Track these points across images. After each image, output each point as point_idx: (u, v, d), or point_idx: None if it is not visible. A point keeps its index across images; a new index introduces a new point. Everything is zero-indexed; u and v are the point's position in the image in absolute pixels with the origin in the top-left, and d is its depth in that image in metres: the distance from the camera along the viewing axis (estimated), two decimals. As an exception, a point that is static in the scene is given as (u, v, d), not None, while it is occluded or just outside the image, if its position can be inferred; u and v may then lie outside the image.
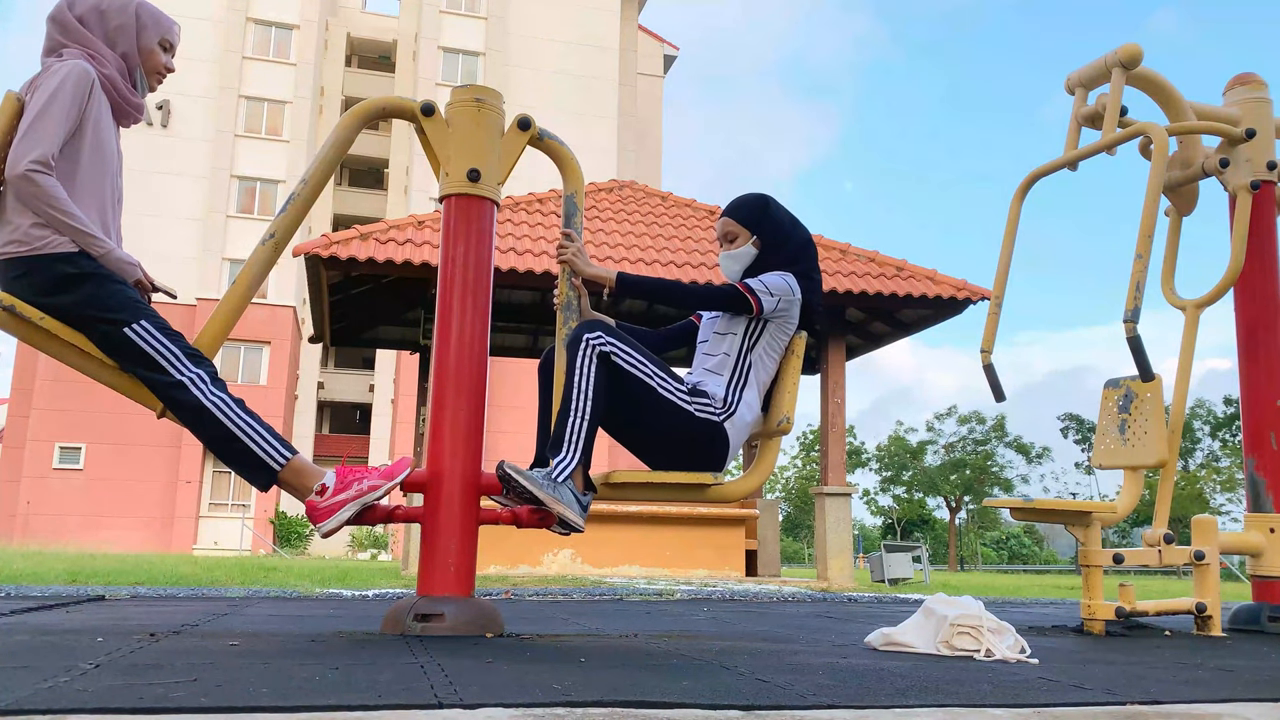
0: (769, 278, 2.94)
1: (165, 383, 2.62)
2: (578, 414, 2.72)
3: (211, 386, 2.64)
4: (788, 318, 2.97)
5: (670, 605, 5.47)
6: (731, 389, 2.93)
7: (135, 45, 2.80)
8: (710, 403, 2.89)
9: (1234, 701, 1.84)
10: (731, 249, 3.06)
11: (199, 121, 33.75)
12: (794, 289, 2.94)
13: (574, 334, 2.79)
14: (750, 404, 2.95)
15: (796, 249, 3.03)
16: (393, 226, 9.47)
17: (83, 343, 2.65)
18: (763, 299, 2.89)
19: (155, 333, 2.64)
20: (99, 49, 2.74)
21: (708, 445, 2.88)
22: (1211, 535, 3.78)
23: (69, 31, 2.73)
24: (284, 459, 2.67)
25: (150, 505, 31.00)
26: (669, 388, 2.83)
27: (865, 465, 49.86)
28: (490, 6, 37.14)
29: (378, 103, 3.15)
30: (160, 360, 2.62)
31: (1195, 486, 40.07)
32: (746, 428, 2.96)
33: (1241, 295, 4.29)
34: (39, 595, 5.10)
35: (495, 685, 1.74)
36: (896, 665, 2.27)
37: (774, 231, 3.04)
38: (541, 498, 2.65)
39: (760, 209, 3.06)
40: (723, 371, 2.95)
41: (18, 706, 1.41)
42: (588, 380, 2.74)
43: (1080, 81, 4.15)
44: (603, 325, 2.80)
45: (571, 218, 3.17)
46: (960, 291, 9.78)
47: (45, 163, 2.56)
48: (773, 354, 2.99)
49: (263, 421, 2.69)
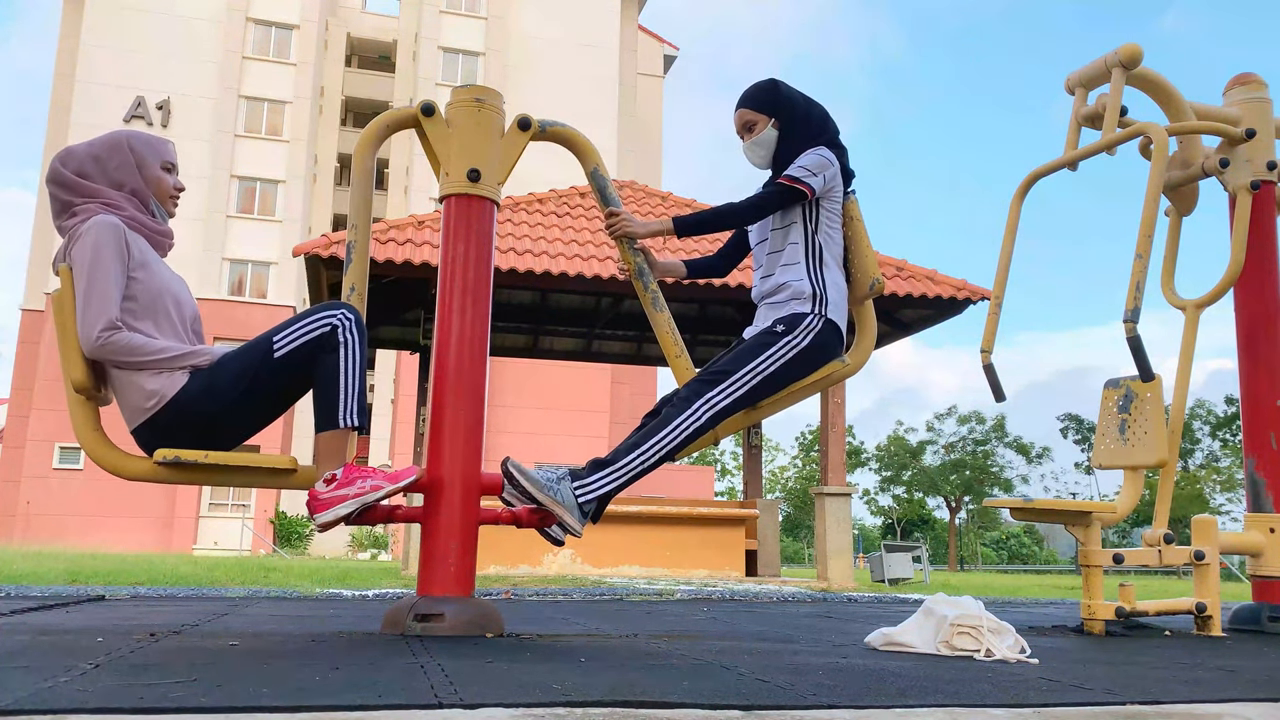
0: (804, 159, 2.97)
1: (328, 338, 2.72)
2: (650, 456, 2.77)
3: (355, 327, 2.74)
4: (835, 188, 3.02)
5: (670, 605, 5.47)
6: (814, 277, 2.97)
7: (140, 179, 2.77)
8: (806, 317, 2.94)
9: (1234, 701, 1.84)
10: (752, 136, 3.09)
11: (199, 121, 33.74)
12: (830, 159, 2.99)
13: (694, 395, 2.83)
14: (836, 283, 3.01)
15: (817, 123, 3.07)
16: (393, 226, 9.48)
17: (251, 460, 2.71)
18: (811, 182, 2.94)
19: (284, 329, 2.72)
20: (108, 195, 2.71)
21: (828, 347, 2.97)
22: (1211, 535, 3.78)
23: (73, 189, 2.70)
24: (352, 422, 2.72)
25: (150, 505, 30.98)
26: (777, 354, 2.90)
27: (865, 465, 49.87)
28: (490, 6, 37.13)
29: (382, 122, 3.14)
30: (309, 332, 2.71)
31: (1195, 486, 40.08)
32: (844, 303, 3.03)
33: (1241, 295, 4.29)
34: (39, 595, 5.10)
35: (495, 685, 1.74)
36: (896, 665, 2.27)
37: (790, 110, 3.07)
38: (541, 499, 2.65)
39: (772, 91, 3.09)
40: (798, 260, 2.99)
41: (18, 706, 1.41)
42: (684, 439, 2.80)
43: (1080, 81, 4.15)
44: (702, 384, 2.85)
45: (605, 190, 3.21)
46: (960, 291, 9.78)
47: (111, 326, 2.60)
48: (835, 226, 3.05)
49: (363, 383, 2.76)
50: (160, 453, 2.66)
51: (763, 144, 3.08)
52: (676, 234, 2.98)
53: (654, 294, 3.15)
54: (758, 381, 2.89)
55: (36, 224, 34.56)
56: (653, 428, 2.79)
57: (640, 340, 11.97)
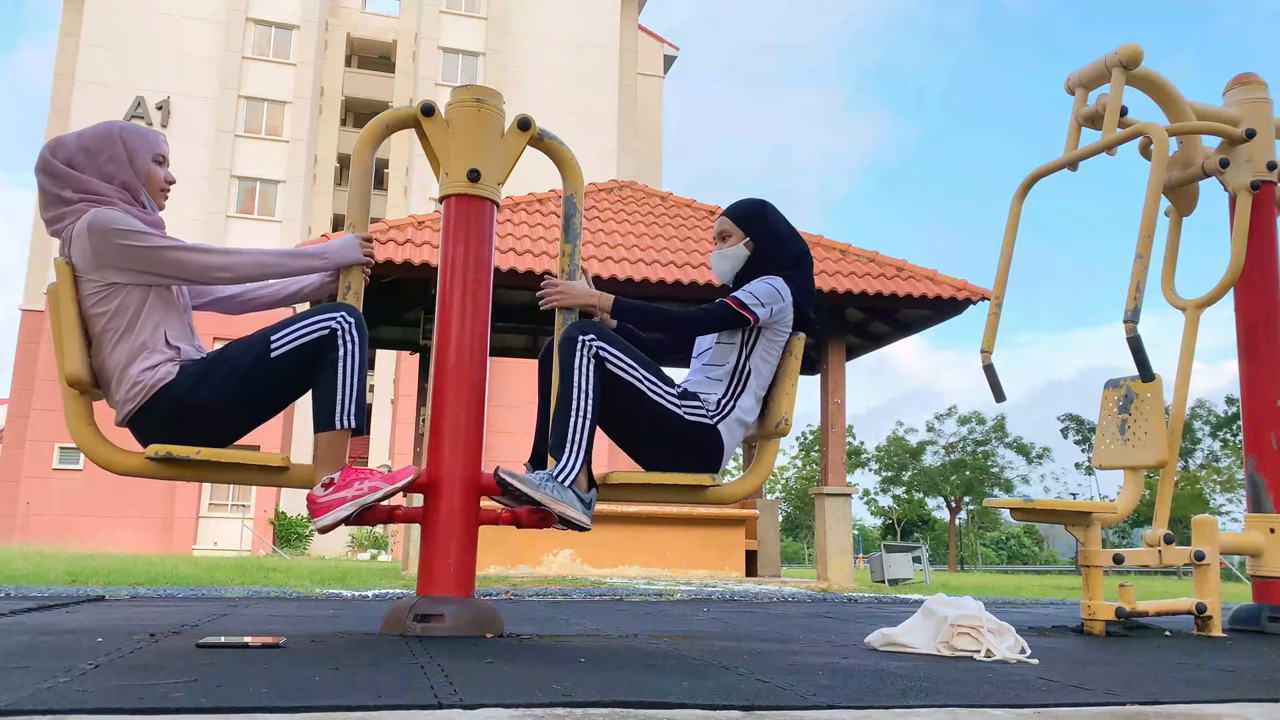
0: (756, 286, 2.93)
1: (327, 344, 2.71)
2: (579, 415, 2.72)
3: (355, 330, 2.73)
4: (781, 322, 2.98)
5: (670, 605, 5.47)
6: (728, 394, 2.94)
7: (131, 172, 2.75)
8: (701, 406, 2.89)
9: (1234, 702, 1.84)
10: (724, 247, 3.08)
11: (199, 121, 33.73)
12: (782, 293, 2.94)
13: (567, 334, 2.79)
14: (745, 407, 2.96)
15: (789, 258, 3.03)
16: (393, 226, 9.48)
17: (244, 457, 2.71)
18: (756, 311, 2.89)
19: (282, 329, 2.71)
20: (98, 188, 2.69)
21: (701, 448, 2.90)
22: (1211, 535, 3.78)
23: (63, 180, 2.68)
24: (349, 423, 2.71)
25: (150, 505, 30.98)
26: (659, 391, 2.84)
27: (865, 465, 49.86)
28: (490, 6, 37.12)
29: (381, 121, 3.14)
30: (305, 335, 2.70)
31: (1195, 486, 40.07)
32: (741, 429, 2.97)
33: (1241, 295, 4.29)
34: (39, 595, 5.10)
35: (495, 685, 1.74)
36: (896, 665, 2.27)
37: (768, 237, 3.05)
38: (541, 500, 2.65)
39: (758, 212, 3.08)
40: (723, 380, 2.96)
41: (18, 706, 1.41)
42: (586, 380, 2.74)
43: (1080, 81, 4.15)
44: (595, 327, 2.80)
45: (571, 218, 3.17)
46: (960, 291, 9.78)
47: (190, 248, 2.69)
48: (769, 358, 3.00)
49: (361, 384, 2.75)
50: (153, 448, 2.66)
51: (730, 258, 3.06)
52: (611, 315, 2.94)
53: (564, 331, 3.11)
54: (634, 382, 2.80)
55: (35, 224, 34.53)
56: (562, 380, 2.76)
57: (640, 340, 11.95)
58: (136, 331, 2.66)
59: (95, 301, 2.65)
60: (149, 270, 2.66)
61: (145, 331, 2.67)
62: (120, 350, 2.65)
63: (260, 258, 2.77)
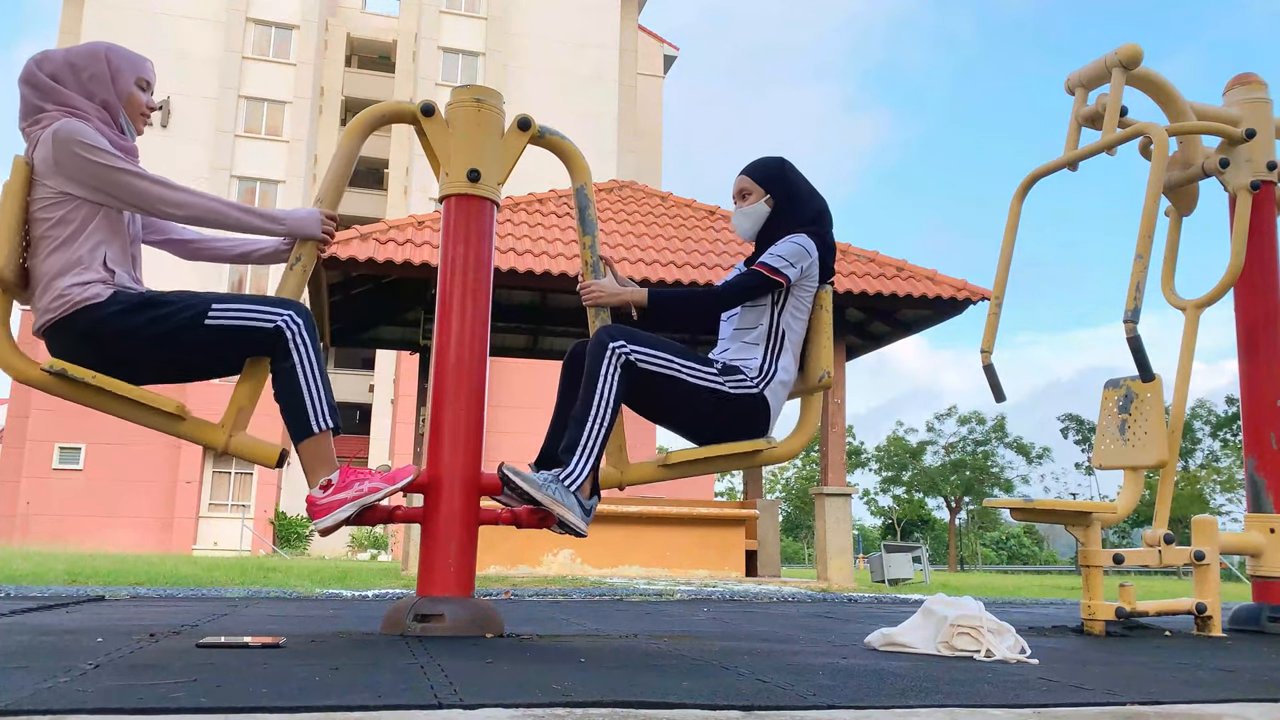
0: (781, 247, 2.96)
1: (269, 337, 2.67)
2: (596, 422, 2.73)
3: (305, 331, 2.69)
4: (809, 277, 3.01)
5: (670, 605, 5.47)
6: (766, 359, 2.97)
7: (113, 92, 2.74)
8: (744, 376, 2.92)
9: (1234, 702, 1.84)
10: (744, 205, 3.09)
11: (199, 121, 33.73)
12: (809, 249, 2.97)
13: (597, 339, 2.79)
14: (786, 367, 3.00)
15: (810, 213, 3.06)
16: (393, 227, 9.47)
17: (141, 395, 2.66)
18: (787, 273, 2.93)
19: (229, 303, 2.66)
20: (78, 103, 2.69)
21: (751, 417, 2.95)
22: (1211, 535, 3.78)
23: (45, 92, 2.68)
24: (325, 424, 2.70)
25: (150, 505, 30.98)
26: (699, 374, 2.86)
27: (865, 466, 49.87)
28: (490, 6, 37.12)
29: (378, 111, 3.14)
30: (250, 322, 2.66)
31: (1195, 486, 40.07)
32: (785, 390, 3.01)
33: (1241, 295, 4.29)
34: (39, 595, 5.10)
35: (495, 685, 1.74)
36: (896, 665, 2.27)
37: (788, 193, 3.07)
38: (541, 500, 2.65)
39: (777, 169, 3.10)
40: (758, 342, 2.98)
41: (18, 706, 1.41)
42: (611, 388, 2.75)
43: (1080, 81, 4.15)
44: (625, 332, 2.81)
45: (585, 210, 3.19)
46: (960, 291, 9.78)
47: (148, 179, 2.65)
48: (800, 315, 3.03)
49: (327, 382, 2.72)
50: (50, 361, 2.62)
51: (751, 216, 3.08)
52: (649, 309, 2.96)
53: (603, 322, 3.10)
54: (672, 372, 2.82)
55: (36, 224, 34.51)
56: (586, 385, 2.77)
57: (640, 340, 11.95)
58: (75, 246, 2.62)
59: (43, 206, 2.62)
60: (102, 189, 2.63)
61: (84, 248, 2.63)
62: (54, 259, 2.62)
63: (215, 204, 2.72)
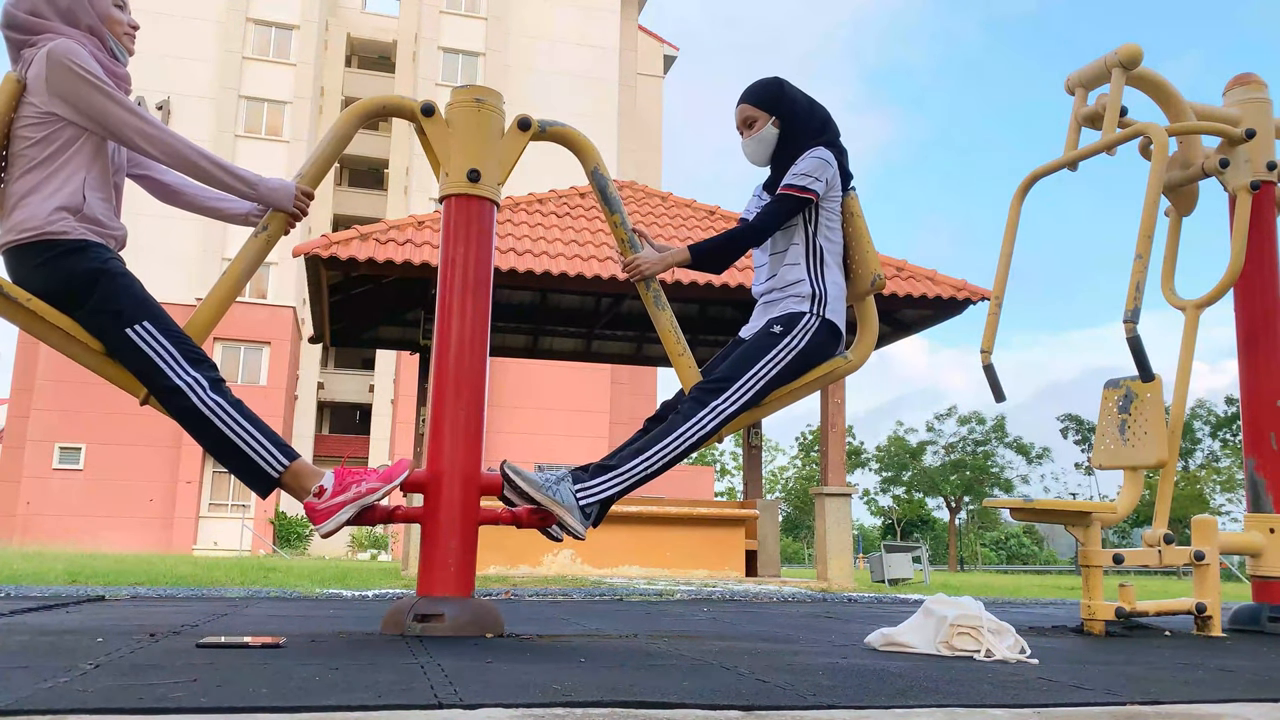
0: (803, 164, 2.98)
1: (163, 387, 2.60)
2: (655, 462, 2.78)
3: (210, 392, 2.60)
4: (834, 187, 3.03)
5: (670, 605, 5.47)
6: (814, 277, 2.99)
7: (93, 14, 2.71)
8: (803, 318, 2.96)
9: (1234, 702, 1.84)
10: (752, 133, 3.10)
11: (199, 121, 33.72)
12: (828, 160, 2.99)
13: (697, 395, 2.87)
14: (836, 282, 3.03)
15: (818, 124, 3.08)
16: (393, 227, 9.47)
17: (70, 326, 2.62)
18: (814, 188, 2.96)
19: (157, 334, 2.61)
20: (66, 32, 2.67)
21: (827, 345, 3.01)
22: (1211, 535, 3.78)
23: (28, 29, 2.66)
24: (282, 466, 2.65)
25: (150, 506, 30.98)
26: (777, 359, 2.92)
27: (865, 466, 49.85)
28: (490, 6, 37.12)
29: (378, 101, 3.15)
30: (159, 363, 2.59)
31: (1195, 486, 40.06)
32: (843, 302, 3.06)
33: (1241, 295, 4.29)
34: (39, 595, 5.10)
35: (495, 685, 1.74)
36: (896, 665, 2.27)
37: (792, 110, 3.08)
38: (541, 501, 2.65)
39: (775, 89, 3.10)
40: (799, 261, 3.01)
41: (18, 706, 1.41)
42: (688, 444, 2.81)
43: (1080, 82, 4.15)
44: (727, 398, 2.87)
45: (605, 190, 3.22)
46: (960, 292, 9.78)
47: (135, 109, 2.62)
48: (834, 226, 3.06)
49: (263, 426, 2.65)
50: None
51: (762, 141, 3.09)
52: (692, 265, 3.00)
53: (655, 293, 3.17)
54: (761, 386, 2.91)
55: (36, 224, 34.49)
56: (657, 434, 2.80)
57: (640, 340, 11.96)
58: (54, 169, 2.61)
59: (28, 124, 2.61)
60: (84, 111, 2.61)
61: (62, 172, 2.61)
62: (28, 179, 2.60)
63: (186, 149, 2.70)
